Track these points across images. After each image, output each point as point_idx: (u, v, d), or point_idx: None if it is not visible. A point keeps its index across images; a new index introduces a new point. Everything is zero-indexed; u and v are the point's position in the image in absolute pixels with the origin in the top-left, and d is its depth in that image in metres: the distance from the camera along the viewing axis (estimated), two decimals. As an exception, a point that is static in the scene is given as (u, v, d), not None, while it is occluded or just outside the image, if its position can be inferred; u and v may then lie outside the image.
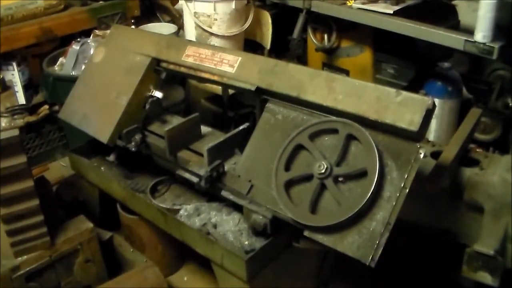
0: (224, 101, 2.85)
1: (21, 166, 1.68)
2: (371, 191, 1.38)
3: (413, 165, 1.40)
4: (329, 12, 2.80)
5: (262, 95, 1.75)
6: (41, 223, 1.79)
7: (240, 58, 1.81)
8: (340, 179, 1.47)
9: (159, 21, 3.49)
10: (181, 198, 2.06)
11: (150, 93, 2.08)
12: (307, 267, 1.99)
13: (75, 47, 2.77)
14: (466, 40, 2.25)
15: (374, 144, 1.42)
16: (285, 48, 3.03)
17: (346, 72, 3.08)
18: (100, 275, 2.03)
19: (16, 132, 1.67)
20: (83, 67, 2.63)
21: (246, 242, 1.72)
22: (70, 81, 2.39)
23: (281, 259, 1.76)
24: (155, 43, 2.06)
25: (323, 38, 3.09)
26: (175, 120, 2.12)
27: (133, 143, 2.01)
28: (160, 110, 2.15)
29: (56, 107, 2.82)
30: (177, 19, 3.42)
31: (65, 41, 2.94)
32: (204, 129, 2.07)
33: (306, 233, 1.49)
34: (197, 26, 2.76)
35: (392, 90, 1.47)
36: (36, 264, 1.83)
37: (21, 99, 2.93)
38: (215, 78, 1.86)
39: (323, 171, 1.45)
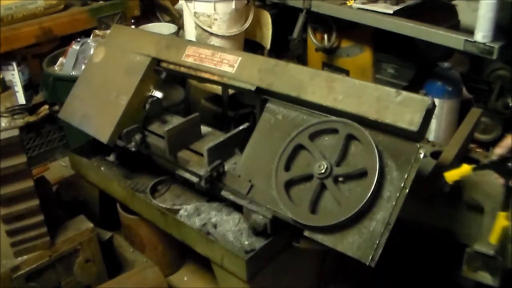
0: (224, 101, 2.85)
1: (21, 166, 1.67)
2: (371, 191, 1.38)
3: (413, 165, 1.41)
4: (329, 12, 2.81)
5: (262, 95, 1.75)
6: (41, 223, 1.79)
7: (240, 58, 1.81)
8: (340, 179, 1.47)
9: (159, 21, 3.49)
10: (181, 198, 2.06)
11: (150, 93, 2.08)
12: (307, 267, 1.99)
13: (75, 47, 2.77)
14: (466, 40, 2.25)
15: (374, 144, 1.42)
16: (285, 48, 3.03)
17: (346, 72, 3.08)
18: (100, 275, 2.03)
19: (16, 132, 1.67)
20: (83, 67, 2.63)
21: (246, 242, 1.72)
22: (70, 81, 2.39)
23: (281, 259, 1.76)
24: (155, 43, 2.06)
25: (323, 38, 3.10)
26: (175, 120, 2.12)
27: (133, 143, 2.01)
28: (160, 110, 2.15)
29: (56, 107, 2.82)
30: (177, 19, 3.42)
31: (65, 41, 2.94)
32: (204, 129, 2.07)
33: (306, 233, 1.49)
34: (197, 26, 2.76)
35: (392, 90, 1.47)
36: (36, 264, 1.83)
37: (21, 99, 2.93)
38: (215, 78, 1.86)
39: (323, 171, 1.45)
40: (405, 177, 1.40)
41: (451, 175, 1.44)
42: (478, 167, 1.43)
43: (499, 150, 1.36)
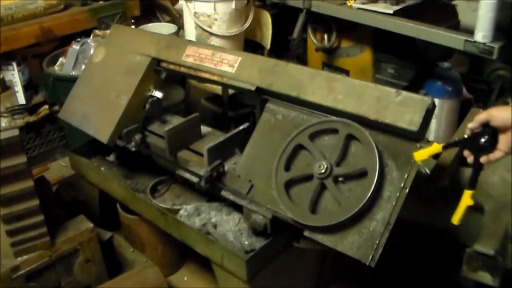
0: (224, 101, 2.85)
1: (21, 166, 1.68)
2: (371, 191, 1.38)
3: (413, 165, 1.41)
4: (329, 12, 2.80)
5: (262, 95, 1.75)
6: (41, 223, 1.79)
7: (240, 58, 1.81)
8: (340, 179, 1.47)
9: (159, 21, 3.49)
10: (181, 198, 2.06)
11: (150, 93, 2.08)
12: (307, 267, 1.99)
13: (75, 47, 2.77)
14: (466, 40, 2.24)
15: (374, 144, 1.42)
16: (285, 48, 3.03)
17: (346, 72, 3.08)
18: (100, 275, 2.03)
19: (16, 132, 1.67)
20: (83, 67, 2.63)
21: (246, 242, 1.72)
22: (70, 81, 2.39)
23: (281, 259, 1.76)
24: (155, 43, 2.06)
25: (323, 38, 3.09)
26: (175, 120, 2.12)
27: (133, 143, 2.01)
28: (160, 110, 2.15)
29: (56, 107, 2.82)
30: (177, 19, 3.42)
31: (65, 41, 2.94)
32: (204, 129, 2.07)
33: (306, 233, 1.49)
34: (197, 26, 2.76)
35: (392, 90, 1.47)
36: (36, 264, 1.83)
37: (21, 99, 2.93)
38: (215, 78, 1.86)
39: (323, 171, 1.45)
40: (405, 177, 1.40)
41: (419, 154, 1.38)
42: (448, 144, 1.40)
43: (472, 125, 1.34)
